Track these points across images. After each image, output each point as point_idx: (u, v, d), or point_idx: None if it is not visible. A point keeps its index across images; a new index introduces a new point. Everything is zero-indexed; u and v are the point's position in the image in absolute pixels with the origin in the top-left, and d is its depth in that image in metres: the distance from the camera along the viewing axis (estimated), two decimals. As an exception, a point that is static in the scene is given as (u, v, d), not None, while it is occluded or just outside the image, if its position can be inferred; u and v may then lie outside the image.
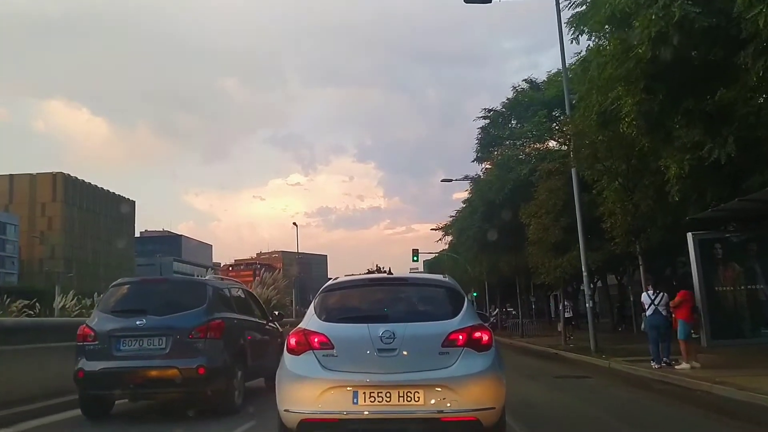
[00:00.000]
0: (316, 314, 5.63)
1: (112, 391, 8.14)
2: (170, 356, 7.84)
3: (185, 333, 7.96)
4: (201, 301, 8.42)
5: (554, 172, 22.21)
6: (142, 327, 7.95)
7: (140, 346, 7.94)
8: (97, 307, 9.03)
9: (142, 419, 8.56)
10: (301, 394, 5.18)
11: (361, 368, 5.11)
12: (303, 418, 5.14)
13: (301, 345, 5.35)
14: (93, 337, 8.07)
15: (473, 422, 5.04)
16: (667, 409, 9.16)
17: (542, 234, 21.43)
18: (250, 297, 11.00)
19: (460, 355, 5.18)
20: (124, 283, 9.21)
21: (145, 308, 8.21)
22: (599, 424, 8.11)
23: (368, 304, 5.80)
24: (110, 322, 8.16)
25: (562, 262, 20.97)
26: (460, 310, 5.52)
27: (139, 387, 8.05)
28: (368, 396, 5.01)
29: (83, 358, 8.01)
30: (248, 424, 7.50)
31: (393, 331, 5.15)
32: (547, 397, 10.59)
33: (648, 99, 9.96)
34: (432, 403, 5.00)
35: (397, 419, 5.06)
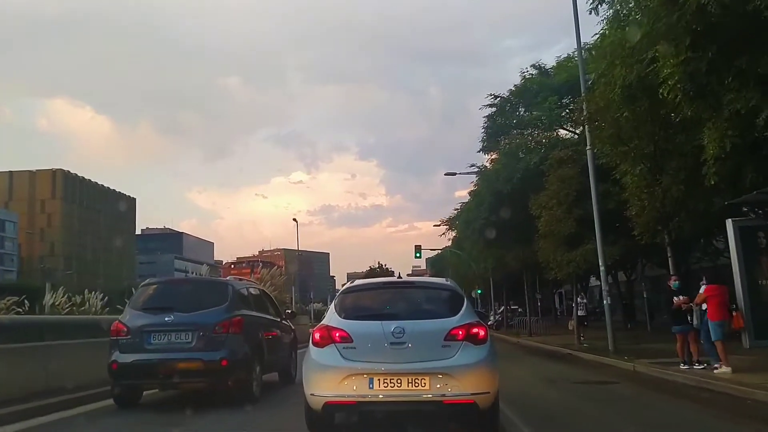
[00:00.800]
0: (336, 312, 6.41)
1: (144, 381, 8.84)
2: (196, 349, 8.46)
3: (209, 328, 8.57)
4: (223, 299, 9.08)
5: (566, 160, 20.69)
6: (170, 323, 8.59)
7: (169, 340, 8.56)
8: (128, 304, 9.54)
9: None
10: (325, 380, 5.98)
11: (375, 359, 5.89)
12: (327, 401, 5.96)
13: (324, 339, 6.13)
14: (126, 332, 8.69)
15: (471, 405, 5.82)
16: (722, 425, 7.60)
17: (554, 226, 19.87)
18: (265, 296, 11.62)
19: (460, 347, 5.95)
20: (152, 283, 9.98)
21: (173, 306, 8.87)
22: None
23: (381, 304, 6.59)
24: (141, 319, 8.81)
25: (575, 256, 19.41)
26: (460, 309, 6.29)
27: (168, 377, 8.63)
28: (382, 382, 5.81)
29: (117, 351, 8.64)
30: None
31: (403, 327, 5.93)
32: (571, 406, 9.11)
33: (694, 57, 8.41)
34: (436, 388, 5.78)
35: (406, 402, 5.86)
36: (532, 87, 25.79)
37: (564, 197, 20.00)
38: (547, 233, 20.32)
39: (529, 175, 22.08)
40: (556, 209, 20.00)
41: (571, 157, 20.89)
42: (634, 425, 7.71)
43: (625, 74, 11.93)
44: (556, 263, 20.04)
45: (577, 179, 20.09)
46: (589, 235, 19.69)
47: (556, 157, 20.96)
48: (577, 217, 19.70)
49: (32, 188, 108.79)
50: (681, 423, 7.81)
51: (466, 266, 53.06)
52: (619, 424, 7.90)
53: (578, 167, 20.36)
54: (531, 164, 21.86)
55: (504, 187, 22.35)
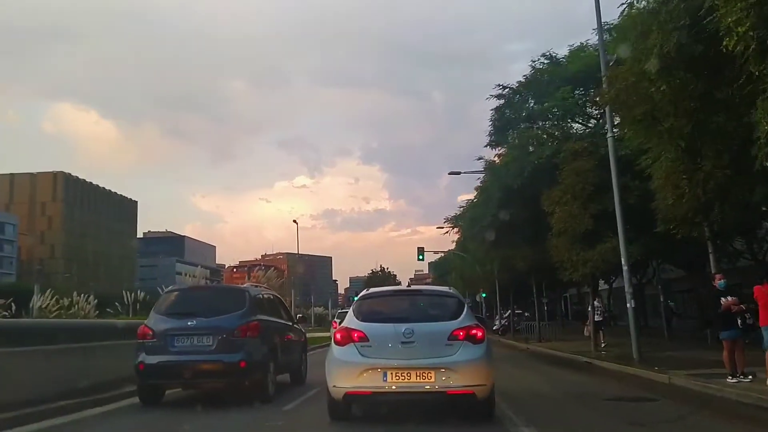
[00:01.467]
0: (355, 316, 7.39)
1: (168, 381, 9.38)
2: (216, 352, 8.94)
3: (229, 332, 9.06)
4: (241, 305, 9.54)
5: (582, 152, 19.00)
6: (192, 327, 9.10)
7: (191, 343, 9.05)
8: (153, 309, 9.94)
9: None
10: (345, 374, 7.02)
11: (388, 355, 6.91)
12: (347, 391, 7.00)
13: (344, 339, 7.14)
14: (152, 335, 9.18)
15: (471, 395, 6.86)
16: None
17: (568, 223, 18.15)
18: (278, 301, 12.07)
19: (461, 346, 6.95)
20: (175, 290, 10.78)
21: (194, 311, 9.38)
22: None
23: (393, 309, 7.61)
24: (165, 323, 9.29)
25: (592, 255, 17.69)
26: (461, 314, 7.29)
27: (190, 377, 9.19)
28: (394, 375, 6.80)
29: (143, 353, 9.11)
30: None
31: (412, 329, 6.93)
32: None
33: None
34: (441, 381, 6.77)
35: (415, 392, 6.86)
36: (543, 77, 24.03)
37: (579, 192, 18.31)
38: (561, 231, 18.59)
39: (541, 168, 20.36)
40: (571, 205, 18.30)
41: (587, 148, 19.22)
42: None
43: (662, 41, 10.23)
44: (571, 263, 18.30)
45: (594, 172, 18.41)
46: (608, 233, 17.98)
47: (570, 148, 19.26)
48: (594, 213, 18.03)
49: (33, 191, 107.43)
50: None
51: (470, 269, 51.29)
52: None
53: (595, 159, 18.70)
54: (543, 157, 20.12)
55: (514, 182, 20.59)
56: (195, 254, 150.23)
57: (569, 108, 21.50)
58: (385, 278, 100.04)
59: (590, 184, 18.35)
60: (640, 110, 11.28)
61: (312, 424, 7.41)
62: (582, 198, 18.28)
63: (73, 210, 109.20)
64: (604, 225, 18.26)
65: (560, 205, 18.66)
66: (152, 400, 9.43)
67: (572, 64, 23.29)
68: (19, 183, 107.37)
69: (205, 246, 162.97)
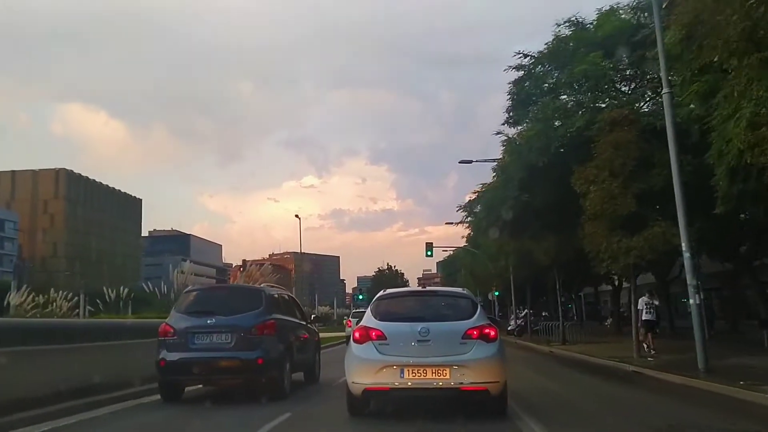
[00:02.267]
0: (372, 315, 7.75)
1: (188, 377, 9.73)
2: (235, 349, 9.25)
3: (247, 330, 9.35)
4: (258, 304, 9.88)
5: (622, 121, 16.01)
6: (212, 325, 9.40)
7: (211, 341, 9.36)
8: (174, 308, 10.25)
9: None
10: (364, 371, 7.29)
11: (405, 353, 7.15)
12: (365, 387, 7.28)
13: (363, 337, 7.43)
14: (172, 333, 9.49)
15: (484, 391, 7.08)
16: None
17: (607, 205, 15.19)
18: (293, 301, 12.37)
19: (475, 344, 7.20)
20: (194, 290, 11.03)
21: (213, 310, 9.71)
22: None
23: (409, 309, 7.97)
24: (185, 321, 9.58)
25: (637, 242, 14.72)
26: (475, 314, 7.61)
27: (210, 374, 9.65)
28: (411, 372, 7.06)
29: (164, 350, 9.40)
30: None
31: (428, 328, 7.24)
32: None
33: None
34: (455, 377, 7.00)
35: (431, 388, 7.09)
36: (568, 46, 20.95)
37: (619, 168, 15.37)
38: (597, 214, 15.61)
39: (570, 143, 17.36)
40: (609, 183, 15.33)
41: (628, 117, 16.21)
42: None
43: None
44: (609, 253, 15.30)
45: (637, 145, 15.49)
46: (654, 216, 15.02)
47: (607, 118, 16.24)
48: (638, 193, 15.08)
49: (35, 188, 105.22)
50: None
51: (481, 266, 48.34)
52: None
53: (637, 129, 15.74)
54: (573, 130, 17.09)
55: (538, 160, 17.54)
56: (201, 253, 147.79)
57: (601, 75, 18.41)
58: (392, 277, 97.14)
59: (632, 158, 15.43)
60: (737, 28, 8.18)
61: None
62: (622, 175, 15.34)
63: (76, 207, 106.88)
64: (649, 206, 15.30)
65: (595, 184, 15.70)
66: (173, 396, 9.67)
67: (601, 28, 20.20)
68: (21, 180, 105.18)
69: (212, 245, 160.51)
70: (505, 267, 35.44)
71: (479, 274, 49.37)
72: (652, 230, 14.59)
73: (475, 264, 51.45)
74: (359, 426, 7.50)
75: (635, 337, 16.13)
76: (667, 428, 7.15)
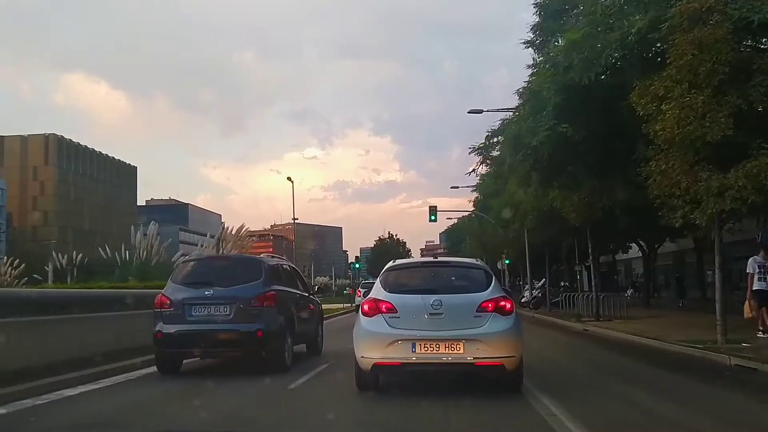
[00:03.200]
0: (382, 287, 7.44)
1: (186, 349, 9.48)
2: (234, 321, 9.05)
3: (246, 302, 9.13)
4: (258, 275, 9.60)
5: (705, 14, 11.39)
6: (210, 296, 9.19)
7: (209, 312, 9.13)
8: (170, 278, 10.09)
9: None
10: (373, 345, 7.07)
11: (417, 326, 6.91)
12: (375, 362, 7.03)
13: (372, 310, 7.19)
14: (169, 304, 9.30)
15: (499, 366, 6.88)
16: None
17: (690, 128, 10.67)
18: (295, 273, 12.11)
19: (490, 318, 6.95)
20: (191, 260, 11.31)
21: (212, 281, 9.48)
22: None
23: (421, 280, 7.67)
24: (182, 292, 9.39)
25: (735, 178, 10.25)
26: (490, 285, 7.29)
27: (208, 347, 9.35)
28: (423, 346, 6.82)
29: (161, 322, 9.22)
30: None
31: (440, 300, 6.94)
32: None
33: None
34: (469, 352, 6.77)
35: (443, 363, 6.88)
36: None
37: (705, 76, 10.80)
38: (672, 142, 11.06)
39: (629, 53, 12.68)
40: (693, 98, 10.75)
41: (713, 8, 11.53)
42: None
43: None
44: (691, 195, 10.78)
45: (729, 45, 10.89)
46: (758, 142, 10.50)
47: (684, 10, 11.51)
48: (734, 110, 10.55)
49: (24, 154, 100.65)
50: None
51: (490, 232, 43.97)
52: None
53: (729, 23, 11.15)
54: (633, 33, 12.31)
55: (583, 77, 12.85)
56: (200, 223, 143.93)
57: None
58: (393, 246, 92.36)
59: (723, 63, 10.81)
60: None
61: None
62: (711, 87, 10.75)
63: (67, 175, 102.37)
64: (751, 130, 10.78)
65: (669, 101, 11.12)
66: (170, 369, 9.51)
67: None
68: (9, 146, 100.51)
69: (211, 215, 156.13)
70: (519, 231, 30.92)
71: (488, 241, 45.04)
72: (757, 162, 10.07)
73: (483, 230, 47.03)
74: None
75: (720, 314, 11.56)
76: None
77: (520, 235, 32.84)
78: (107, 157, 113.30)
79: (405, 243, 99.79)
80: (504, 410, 6.59)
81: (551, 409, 6.35)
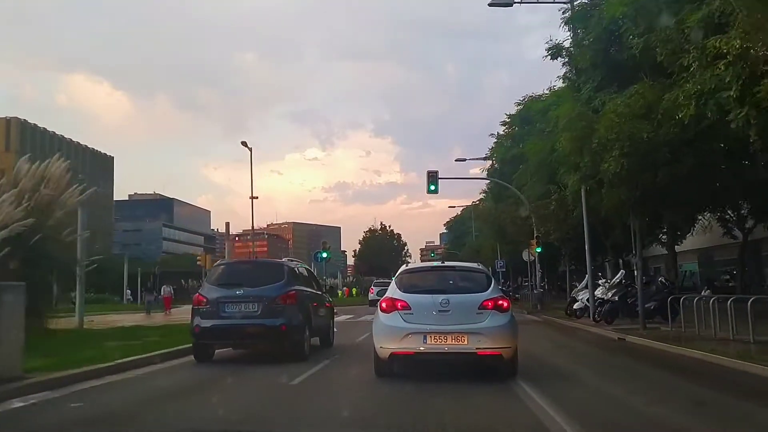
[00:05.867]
0: (397, 287, 8.80)
1: (219, 341, 11.16)
2: (261, 317, 10.62)
3: (271, 300, 10.71)
4: (280, 276, 11.21)
5: None
6: (240, 295, 10.80)
7: (239, 309, 10.76)
8: (205, 280, 12.46)
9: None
10: (391, 337, 8.39)
11: (428, 321, 8.21)
12: (392, 351, 8.36)
13: (389, 307, 8.52)
14: (205, 302, 10.96)
15: (498, 355, 8.22)
16: None
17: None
18: (310, 274, 13.76)
19: (489, 314, 8.27)
20: (222, 264, 13.24)
21: (241, 282, 11.14)
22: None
23: (431, 282, 9.00)
24: (216, 292, 10.99)
25: None
26: (490, 287, 8.65)
27: (239, 339, 11.05)
28: (433, 338, 8.13)
29: (198, 317, 10.90)
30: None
31: (448, 299, 8.30)
32: None
33: None
34: (472, 343, 8.10)
35: (451, 353, 8.21)
36: None
37: None
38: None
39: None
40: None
41: None
42: None
43: None
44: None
45: None
46: None
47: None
48: None
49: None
50: None
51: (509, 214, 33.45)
52: None
53: None
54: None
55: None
56: (186, 219, 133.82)
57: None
58: (385, 238, 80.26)
59: None
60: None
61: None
62: None
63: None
64: None
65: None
66: (205, 357, 11.08)
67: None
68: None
69: (198, 210, 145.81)
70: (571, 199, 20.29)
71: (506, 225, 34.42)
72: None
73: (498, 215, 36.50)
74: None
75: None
76: None
77: (564, 206, 22.32)
78: (80, 146, 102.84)
79: (400, 235, 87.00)
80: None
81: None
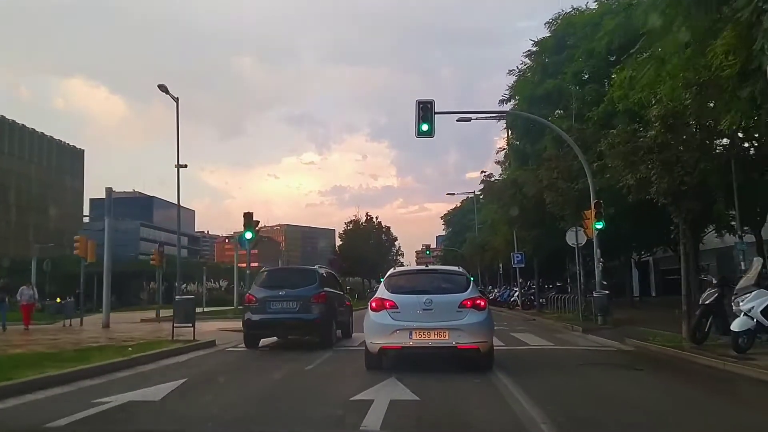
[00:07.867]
0: (386, 288, 9.75)
1: (265, 332, 14.00)
2: (299, 313, 13.16)
3: (307, 299, 13.21)
4: (314, 280, 13.81)
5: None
6: (282, 295, 13.36)
7: (282, 306, 13.27)
8: (254, 282, 14.78)
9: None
10: (380, 333, 9.30)
11: (413, 319, 9.09)
12: (381, 346, 9.31)
13: (379, 306, 9.44)
14: (254, 300, 13.61)
15: (475, 349, 9.14)
16: None
17: None
18: (335, 278, 16.38)
19: (468, 312, 9.15)
20: (266, 270, 15.45)
21: (282, 284, 13.76)
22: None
23: (416, 284, 9.98)
24: (263, 292, 13.67)
25: None
26: (468, 288, 9.60)
27: (281, 330, 14.07)
28: (418, 334, 9.02)
29: (249, 312, 13.59)
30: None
31: (431, 299, 9.16)
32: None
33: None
34: (453, 338, 8.98)
35: (433, 347, 9.17)
36: None
37: None
38: None
39: None
40: None
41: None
42: None
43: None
44: None
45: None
46: None
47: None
48: None
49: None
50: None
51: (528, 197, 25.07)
52: None
53: None
54: None
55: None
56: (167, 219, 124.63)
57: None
58: (371, 230, 69.90)
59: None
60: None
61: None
62: None
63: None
64: None
65: None
66: (253, 344, 13.66)
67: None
68: None
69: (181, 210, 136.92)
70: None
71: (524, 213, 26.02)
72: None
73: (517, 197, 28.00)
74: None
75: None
76: None
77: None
78: (45, 136, 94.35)
79: (389, 228, 76.17)
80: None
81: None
